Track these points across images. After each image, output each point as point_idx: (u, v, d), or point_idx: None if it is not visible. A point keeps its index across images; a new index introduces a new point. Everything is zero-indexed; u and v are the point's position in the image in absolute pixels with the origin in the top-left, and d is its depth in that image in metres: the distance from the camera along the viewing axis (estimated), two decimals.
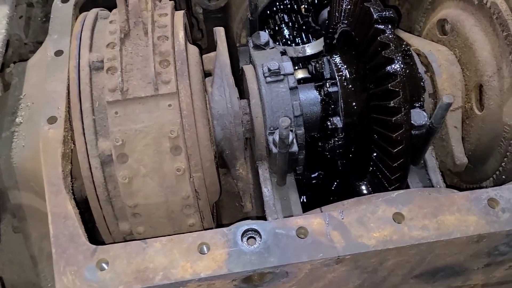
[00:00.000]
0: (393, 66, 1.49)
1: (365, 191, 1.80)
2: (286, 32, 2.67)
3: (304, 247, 1.24)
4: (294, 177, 1.78)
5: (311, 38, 2.62)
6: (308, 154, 1.80)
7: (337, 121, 1.75)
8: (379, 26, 1.53)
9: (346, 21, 1.78)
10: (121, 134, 1.35)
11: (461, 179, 2.00)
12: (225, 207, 2.36)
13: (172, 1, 1.67)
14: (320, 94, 1.81)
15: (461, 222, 1.27)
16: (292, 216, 1.68)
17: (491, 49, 1.67)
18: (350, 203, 1.41)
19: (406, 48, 1.69)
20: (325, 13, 2.59)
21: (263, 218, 2.17)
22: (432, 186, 1.73)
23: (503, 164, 1.72)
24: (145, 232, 1.44)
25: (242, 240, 1.26)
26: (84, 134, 1.39)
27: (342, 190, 2.12)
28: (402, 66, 1.49)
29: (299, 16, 2.69)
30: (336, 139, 1.81)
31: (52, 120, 1.47)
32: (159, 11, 1.53)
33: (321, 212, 1.43)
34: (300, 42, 2.61)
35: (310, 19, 2.67)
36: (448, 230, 1.26)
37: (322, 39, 2.42)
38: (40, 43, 2.60)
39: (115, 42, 1.44)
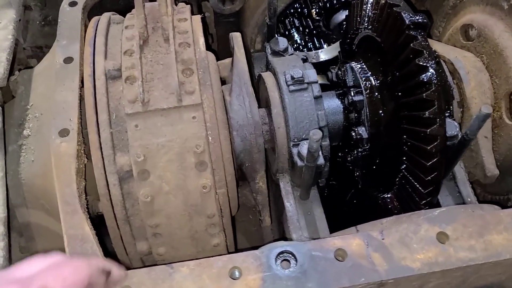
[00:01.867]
0: (427, 74, 1.41)
1: (390, 204, 1.72)
2: (296, 37, 2.60)
3: (344, 271, 1.15)
4: (317, 190, 1.69)
5: (323, 43, 2.55)
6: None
7: (362, 131, 1.67)
8: (411, 32, 1.45)
9: (370, 27, 1.69)
10: (142, 149, 1.25)
11: (485, 190, 1.93)
12: (238, 220, 2.26)
13: (189, 5, 1.58)
14: (342, 102, 1.73)
15: (509, 242, 1.19)
16: (318, 234, 1.60)
17: None
18: (389, 222, 1.33)
19: (435, 55, 1.61)
20: (337, 17, 2.52)
21: (281, 231, 2.09)
22: (462, 199, 1.65)
23: None
24: (166, 253, 1.34)
25: (276, 264, 1.16)
26: (101, 148, 1.29)
27: (358, 201, 2.03)
28: (436, 74, 1.41)
29: (309, 20, 2.61)
30: (360, 149, 1.73)
31: (64, 132, 1.36)
32: (178, 16, 1.44)
33: (357, 231, 1.34)
34: (312, 47, 2.53)
35: (321, 23, 2.59)
36: (497, 251, 1.18)
37: (337, 44, 2.34)
38: (39, 47, 2.49)
39: (133, 49, 1.34)
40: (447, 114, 1.62)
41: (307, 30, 2.63)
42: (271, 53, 1.82)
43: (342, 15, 2.47)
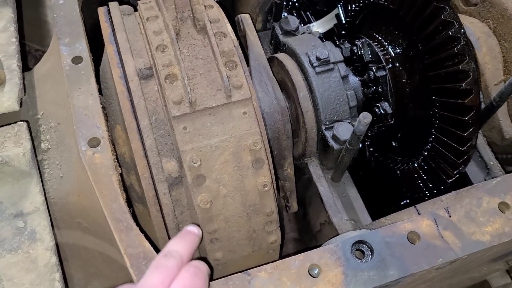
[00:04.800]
0: (460, 45, 1.41)
1: (414, 175, 1.74)
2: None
3: (421, 254, 1.15)
4: (347, 170, 1.67)
5: (310, 16, 2.49)
6: None
7: (386, 106, 1.66)
8: (439, 4, 1.43)
9: None
10: (196, 153, 1.15)
11: (493, 149, 2.00)
12: None
13: None
14: (360, 78, 1.70)
15: None
16: (356, 215, 1.59)
17: None
18: (449, 198, 1.33)
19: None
20: None
21: (301, 215, 2.06)
22: (485, 163, 1.71)
23: None
24: (223, 257, 1.28)
25: (353, 256, 1.14)
26: (146, 156, 1.18)
27: (375, 176, 2.04)
28: (469, 45, 1.41)
29: None
30: (382, 125, 1.72)
31: (94, 142, 1.23)
32: (203, 2, 1.32)
33: (416, 210, 1.34)
34: (301, 22, 2.47)
35: None
36: None
37: (330, 16, 2.30)
38: None
39: (165, 44, 1.22)
40: None
41: (290, 4, 2.55)
42: (282, 33, 1.75)
43: None
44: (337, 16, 2.07)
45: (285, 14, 2.48)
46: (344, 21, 1.99)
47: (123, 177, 1.34)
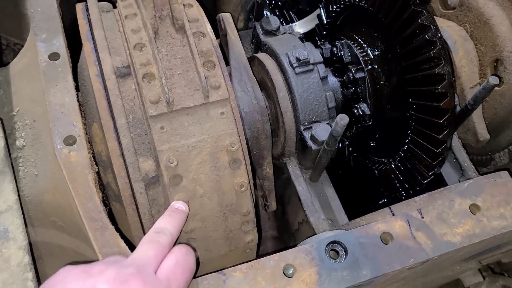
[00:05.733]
0: (436, 49, 1.43)
1: (390, 175, 1.76)
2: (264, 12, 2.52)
3: (394, 254, 1.17)
4: (325, 170, 1.69)
5: (292, 16, 2.50)
6: None
7: (364, 107, 1.68)
8: (417, 8, 1.45)
9: (364, 1, 1.67)
10: (173, 153, 1.15)
11: (467, 151, 2.04)
12: None
13: None
14: (339, 79, 1.72)
15: None
16: (333, 214, 1.61)
17: (510, 24, 1.67)
18: (423, 199, 1.36)
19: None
20: None
21: (280, 213, 2.08)
22: (459, 164, 1.74)
23: None
24: (200, 257, 1.28)
25: (327, 256, 1.16)
26: (123, 155, 1.17)
27: (352, 175, 2.07)
28: (445, 49, 1.44)
29: None
30: (360, 125, 1.74)
31: (69, 140, 1.22)
32: (183, 2, 1.32)
33: (391, 211, 1.36)
34: (283, 21, 2.47)
35: None
36: None
37: (311, 16, 2.31)
38: None
39: (144, 42, 1.21)
40: None
41: (273, 2, 2.56)
42: (263, 33, 1.75)
43: None
44: (319, 16, 2.08)
45: (267, 13, 2.49)
46: (325, 22, 2.00)
47: (100, 175, 1.33)
